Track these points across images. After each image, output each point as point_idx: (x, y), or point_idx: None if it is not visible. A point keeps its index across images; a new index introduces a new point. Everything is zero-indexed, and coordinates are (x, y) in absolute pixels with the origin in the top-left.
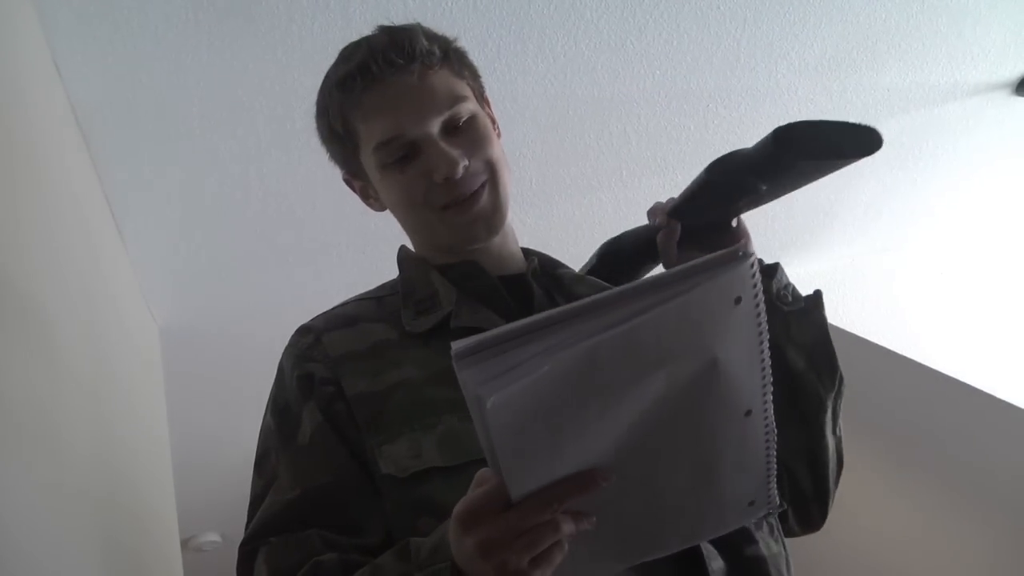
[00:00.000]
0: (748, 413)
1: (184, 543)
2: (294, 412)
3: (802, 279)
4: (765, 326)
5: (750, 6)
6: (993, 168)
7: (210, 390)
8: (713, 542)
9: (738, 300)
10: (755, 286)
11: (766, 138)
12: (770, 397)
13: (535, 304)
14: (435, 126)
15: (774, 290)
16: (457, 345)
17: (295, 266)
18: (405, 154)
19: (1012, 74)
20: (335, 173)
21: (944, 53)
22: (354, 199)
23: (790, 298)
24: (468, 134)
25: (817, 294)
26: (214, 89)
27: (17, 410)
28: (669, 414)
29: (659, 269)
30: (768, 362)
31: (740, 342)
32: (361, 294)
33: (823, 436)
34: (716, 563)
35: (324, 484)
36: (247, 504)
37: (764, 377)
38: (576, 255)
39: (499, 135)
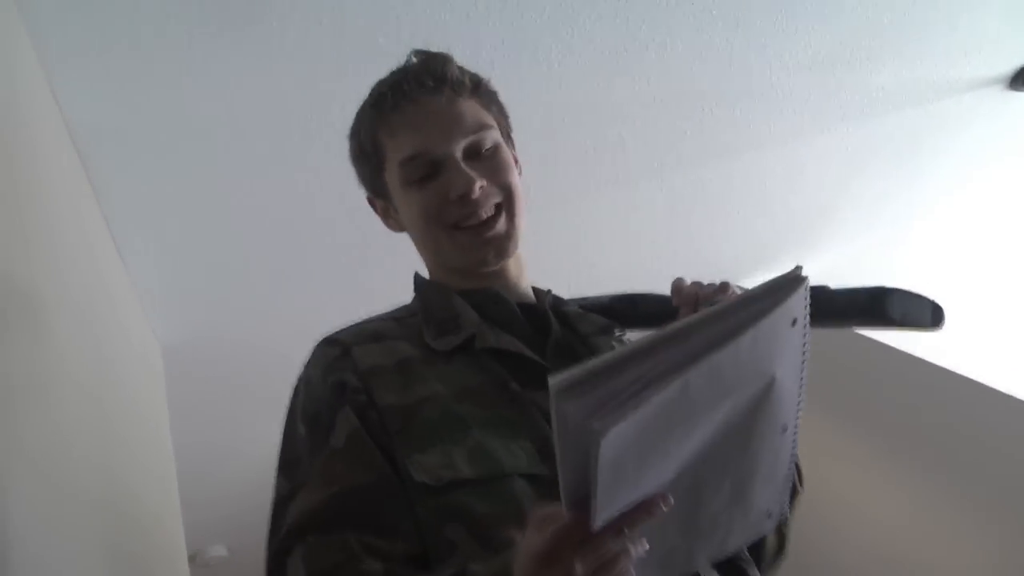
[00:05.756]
0: (784, 429)
1: (191, 558)
2: (326, 418)
3: None
4: (809, 345)
5: (742, 8)
6: (990, 163)
7: (213, 405)
8: (719, 567)
9: (794, 322)
10: (806, 307)
11: (863, 292)
12: (801, 412)
13: (552, 333)
14: (459, 148)
15: None
16: (555, 379)
17: (293, 281)
18: (428, 173)
19: (1006, 69)
20: (333, 190)
21: (938, 49)
22: (354, 217)
23: None
24: (490, 161)
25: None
26: (209, 107)
27: (26, 424)
28: (726, 435)
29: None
30: (805, 379)
31: (790, 361)
32: (379, 315)
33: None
34: None
35: (361, 485)
36: (253, 517)
37: (801, 394)
38: (576, 262)
39: (520, 173)
